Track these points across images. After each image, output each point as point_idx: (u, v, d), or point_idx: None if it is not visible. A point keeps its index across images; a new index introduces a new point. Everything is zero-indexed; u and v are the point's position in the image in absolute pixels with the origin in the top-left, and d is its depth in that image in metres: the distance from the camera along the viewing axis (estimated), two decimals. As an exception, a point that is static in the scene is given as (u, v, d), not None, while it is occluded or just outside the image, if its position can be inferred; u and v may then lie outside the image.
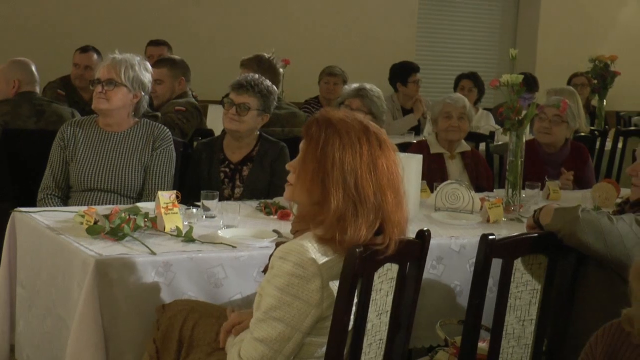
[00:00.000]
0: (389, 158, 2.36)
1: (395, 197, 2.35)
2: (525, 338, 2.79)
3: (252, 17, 7.92)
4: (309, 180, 2.33)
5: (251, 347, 2.30)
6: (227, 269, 2.90)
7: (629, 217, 2.80)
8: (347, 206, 2.28)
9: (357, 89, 4.42)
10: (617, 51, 8.06)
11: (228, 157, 4.14)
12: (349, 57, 7.95)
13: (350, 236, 2.27)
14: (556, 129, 4.88)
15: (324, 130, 2.33)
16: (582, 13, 9.48)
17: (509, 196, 3.94)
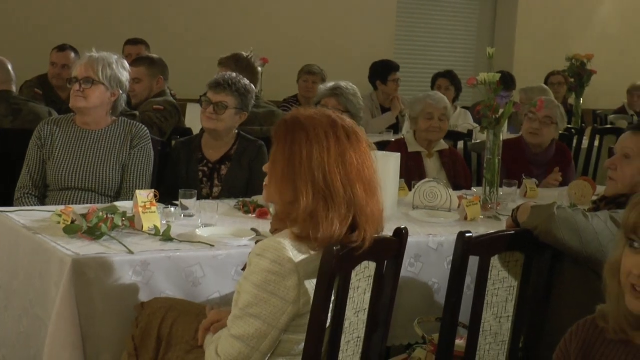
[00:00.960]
0: (358, 150, 2.35)
1: (366, 189, 2.34)
2: (502, 335, 2.81)
3: (230, 15, 7.91)
4: (279, 179, 2.34)
5: (228, 344, 2.30)
6: (205, 268, 2.90)
7: (604, 214, 2.83)
8: (317, 201, 2.28)
9: (332, 88, 4.42)
10: (594, 50, 8.11)
11: (206, 155, 4.13)
12: (328, 56, 7.96)
13: (324, 232, 2.27)
14: (545, 130, 4.91)
15: (291, 129, 2.34)
16: (559, 12, 9.54)
17: (486, 194, 3.96)
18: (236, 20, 7.92)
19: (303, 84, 7.13)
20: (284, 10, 8.17)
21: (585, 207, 3.23)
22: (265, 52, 6.81)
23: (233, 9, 7.94)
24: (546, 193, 4.40)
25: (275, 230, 2.44)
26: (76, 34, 6.81)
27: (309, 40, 8.17)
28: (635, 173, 3.02)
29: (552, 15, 9.52)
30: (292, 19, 8.21)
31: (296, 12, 8.23)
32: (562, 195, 4.25)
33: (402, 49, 9.01)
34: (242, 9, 7.98)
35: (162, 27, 7.53)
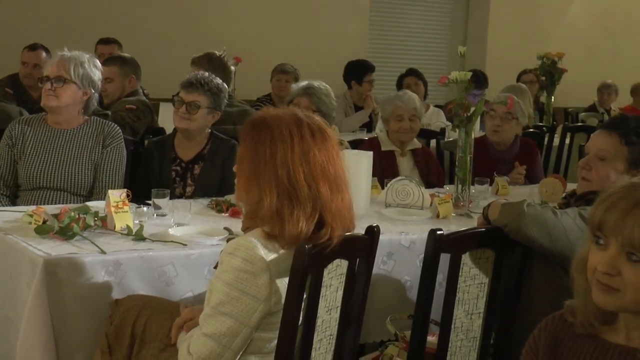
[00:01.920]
0: (323, 148, 2.36)
1: (331, 187, 2.35)
2: (474, 331, 2.83)
3: (203, 15, 7.90)
4: (245, 179, 2.35)
5: (200, 343, 2.30)
6: (178, 267, 2.90)
7: (573, 211, 2.85)
8: (282, 200, 2.29)
9: (304, 87, 4.43)
10: (565, 48, 8.18)
11: (179, 155, 4.13)
12: (301, 55, 7.96)
13: (290, 229, 2.28)
14: (507, 126, 4.95)
15: (257, 129, 2.35)
16: (531, 11, 9.62)
17: (459, 192, 3.99)
18: (209, 19, 7.91)
19: (276, 83, 7.13)
20: (257, 9, 8.17)
21: (556, 204, 3.27)
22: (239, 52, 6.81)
23: (206, 9, 7.93)
24: (518, 191, 4.44)
25: (247, 229, 2.45)
26: (48, 33, 6.77)
27: (282, 40, 8.18)
28: (610, 175, 3.01)
29: (524, 15, 9.59)
30: (266, 18, 8.21)
31: (269, 11, 8.23)
32: (533, 193, 4.29)
33: (375, 48, 9.05)
34: (216, 8, 7.97)
35: (135, 26, 7.50)
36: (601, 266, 1.71)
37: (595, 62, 9.73)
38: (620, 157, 3.03)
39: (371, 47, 8.96)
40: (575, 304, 1.86)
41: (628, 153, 3.02)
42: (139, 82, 5.53)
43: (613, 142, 3.04)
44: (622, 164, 3.03)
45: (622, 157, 3.03)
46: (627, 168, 3.02)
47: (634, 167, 3.02)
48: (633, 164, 3.03)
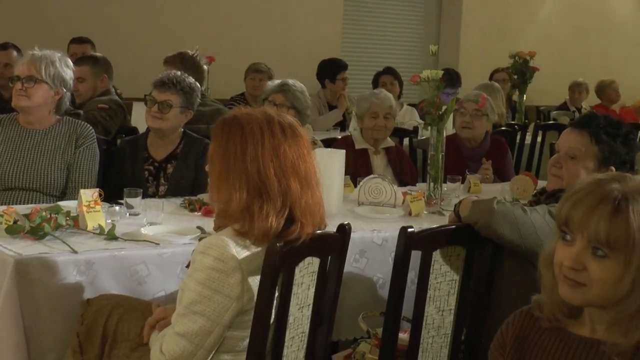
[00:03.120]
0: (293, 145, 2.37)
1: (302, 183, 2.36)
2: (445, 328, 2.85)
3: (176, 14, 7.87)
4: (217, 178, 2.36)
5: (172, 342, 2.30)
6: (150, 266, 2.90)
7: (543, 208, 2.88)
8: (252, 196, 2.30)
9: (279, 84, 4.46)
10: (536, 47, 8.25)
11: (152, 155, 4.12)
12: (275, 54, 7.96)
13: (259, 225, 2.29)
14: (477, 123, 4.99)
15: (227, 127, 2.36)
16: (503, 10, 9.68)
17: (431, 190, 4.01)
18: (182, 18, 7.88)
19: (250, 82, 7.13)
20: (230, 8, 8.15)
21: (527, 202, 3.30)
22: (212, 51, 6.81)
23: (179, 8, 7.91)
24: (489, 188, 4.48)
25: (219, 227, 2.46)
26: (20, 32, 6.72)
27: (256, 39, 8.17)
28: (580, 173, 3.04)
29: (497, 14, 9.65)
30: (239, 17, 8.19)
31: (243, 10, 8.22)
32: (504, 190, 4.32)
33: (349, 47, 9.06)
34: (189, 7, 7.94)
35: (108, 26, 7.46)
36: (567, 261, 1.74)
37: (566, 61, 9.81)
38: (591, 155, 3.06)
39: (345, 46, 8.98)
40: (542, 299, 1.89)
41: (598, 152, 3.05)
42: (111, 81, 5.50)
43: (583, 141, 3.07)
44: (592, 162, 3.06)
45: (592, 156, 3.06)
46: (597, 166, 3.06)
47: (603, 166, 3.05)
48: (603, 162, 3.06)
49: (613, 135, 3.06)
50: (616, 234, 1.68)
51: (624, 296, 1.69)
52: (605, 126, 3.07)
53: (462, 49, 9.52)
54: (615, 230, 1.68)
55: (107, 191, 3.47)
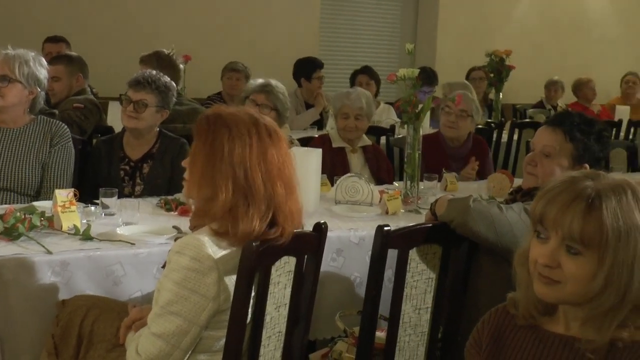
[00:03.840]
0: (279, 148, 2.38)
1: (286, 187, 2.37)
2: (422, 326, 2.86)
3: (152, 12, 7.84)
4: (199, 175, 2.34)
5: (149, 343, 2.29)
6: (126, 267, 2.88)
7: (518, 206, 2.90)
8: (237, 198, 2.30)
9: (263, 84, 4.45)
10: (512, 46, 8.29)
11: (128, 154, 4.11)
12: (252, 53, 7.95)
13: (243, 228, 2.29)
14: (462, 124, 5.01)
15: (212, 125, 2.35)
16: (479, 8, 9.72)
17: (407, 188, 4.02)
18: (158, 17, 7.86)
19: (227, 82, 7.11)
20: (207, 6, 8.13)
21: (503, 200, 3.31)
22: (188, 50, 6.80)
23: (155, 6, 7.88)
24: (466, 186, 4.49)
25: (195, 227, 2.45)
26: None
27: (232, 38, 8.16)
28: (555, 170, 3.06)
29: (473, 12, 9.68)
30: (216, 16, 8.17)
31: (219, 9, 8.20)
32: (481, 189, 4.34)
33: (326, 46, 9.07)
34: (165, 5, 7.92)
35: (84, 24, 7.42)
36: (542, 259, 1.75)
37: (542, 59, 9.87)
38: (565, 153, 3.08)
39: (322, 45, 8.98)
40: (517, 296, 1.90)
41: (572, 149, 3.08)
42: (87, 80, 5.47)
43: (558, 139, 3.10)
44: (566, 159, 3.09)
45: (566, 154, 3.08)
46: (571, 164, 3.08)
47: (578, 163, 3.08)
48: (577, 159, 3.08)
49: (587, 132, 3.08)
50: (590, 231, 1.69)
51: (597, 293, 1.70)
52: (579, 124, 3.10)
53: (438, 48, 9.55)
54: (588, 227, 1.69)
55: (83, 191, 3.44)
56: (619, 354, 1.71)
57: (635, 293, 1.70)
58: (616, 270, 1.69)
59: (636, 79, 9.24)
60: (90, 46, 6.86)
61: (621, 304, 1.70)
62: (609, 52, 10.50)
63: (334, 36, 9.26)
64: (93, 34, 7.42)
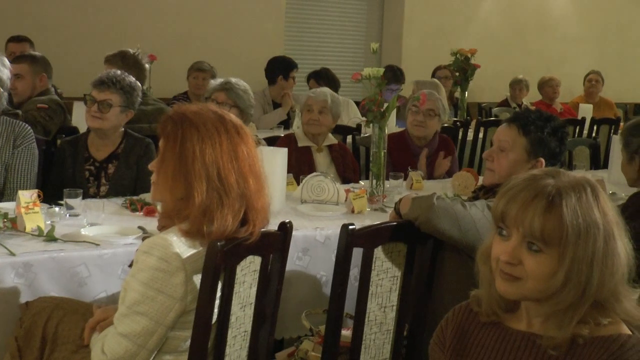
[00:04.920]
0: (248, 144, 2.39)
1: (257, 183, 2.38)
2: (387, 324, 2.87)
3: (117, 12, 7.78)
4: (170, 178, 2.33)
5: (115, 342, 2.29)
6: (91, 267, 2.87)
7: (481, 203, 2.93)
8: (212, 198, 2.29)
9: (222, 83, 4.44)
10: (477, 45, 8.35)
11: (93, 154, 4.08)
12: (218, 52, 7.93)
13: (218, 227, 2.29)
14: (430, 123, 5.04)
15: (180, 126, 2.33)
16: (444, 8, 9.77)
17: (373, 187, 4.04)
18: (124, 16, 7.80)
19: (193, 81, 7.08)
20: (172, 6, 8.09)
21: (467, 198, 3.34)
22: (154, 49, 6.76)
23: (120, 5, 7.82)
24: (431, 184, 4.52)
25: (163, 227, 2.44)
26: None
27: (198, 37, 8.12)
28: (511, 164, 3.14)
29: (438, 12, 9.74)
30: (181, 15, 8.14)
31: (185, 9, 8.16)
32: (446, 187, 4.37)
33: (292, 46, 9.06)
34: (130, 4, 7.86)
35: (48, 24, 7.35)
36: (504, 256, 1.77)
37: (506, 58, 9.95)
38: (519, 147, 3.16)
39: (287, 45, 8.97)
40: (480, 294, 1.92)
41: (526, 143, 3.15)
42: (51, 80, 5.42)
43: (512, 134, 3.18)
44: (520, 153, 3.16)
45: (520, 147, 3.16)
46: (526, 157, 3.16)
47: (533, 157, 3.16)
48: (532, 153, 3.16)
49: (541, 127, 3.16)
50: (550, 228, 1.71)
51: (558, 289, 1.72)
52: (534, 119, 3.19)
53: (404, 47, 9.58)
54: (549, 225, 1.71)
55: (47, 192, 3.42)
56: (579, 350, 1.73)
57: (594, 289, 1.72)
58: (576, 267, 1.71)
59: (599, 78, 9.34)
60: (54, 46, 6.81)
61: (581, 300, 1.72)
62: (572, 51, 10.62)
63: (299, 36, 9.26)
64: (57, 34, 7.35)
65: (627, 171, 3.62)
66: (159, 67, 6.79)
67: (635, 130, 3.60)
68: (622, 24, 10.99)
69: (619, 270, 1.75)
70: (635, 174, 3.58)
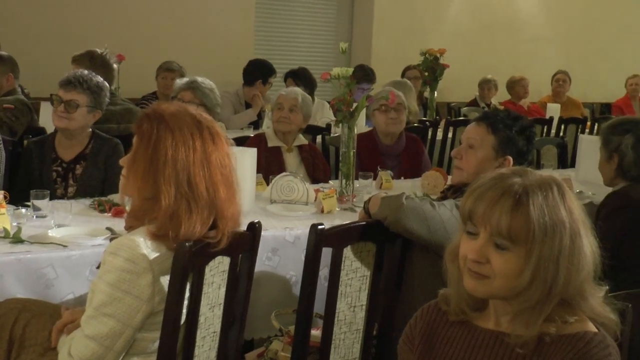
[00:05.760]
0: (222, 152, 2.38)
1: (228, 192, 2.37)
2: (357, 324, 2.87)
3: (85, 11, 7.72)
4: (140, 177, 2.32)
5: (82, 345, 2.27)
6: (58, 269, 2.85)
7: (450, 202, 2.94)
8: (180, 203, 2.28)
9: (188, 82, 4.43)
10: (446, 45, 8.38)
11: (60, 155, 4.05)
12: (187, 52, 7.89)
13: (185, 232, 2.28)
14: (402, 117, 5.06)
15: (155, 127, 2.32)
16: (413, 8, 9.80)
17: (343, 186, 4.04)
18: (92, 16, 7.74)
19: (162, 81, 7.04)
20: (141, 5, 8.04)
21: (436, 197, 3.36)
22: (122, 49, 6.70)
23: (89, 5, 7.76)
24: (401, 184, 4.53)
25: (130, 227, 2.42)
26: None
27: (167, 37, 8.08)
28: (479, 162, 3.17)
29: (407, 12, 9.76)
30: (150, 14, 8.09)
31: (154, 8, 8.12)
32: (415, 187, 4.38)
33: (262, 46, 9.04)
34: (98, 4, 7.80)
35: (14, 23, 7.28)
36: (471, 254, 1.78)
37: (475, 58, 9.99)
38: (487, 144, 3.19)
39: (258, 44, 8.95)
40: (449, 293, 1.93)
41: (494, 140, 3.18)
42: (17, 80, 5.38)
43: (480, 131, 3.21)
44: (489, 151, 3.19)
45: (488, 145, 3.19)
46: (494, 155, 3.19)
47: (501, 155, 3.19)
48: (500, 151, 3.19)
49: (509, 125, 3.19)
50: (517, 227, 1.72)
51: (525, 288, 1.73)
52: (503, 118, 3.23)
53: (374, 47, 9.60)
54: (515, 223, 1.72)
55: (14, 193, 3.38)
56: (546, 348, 1.75)
57: (561, 287, 1.74)
58: (542, 265, 1.72)
59: (566, 78, 9.43)
60: (21, 45, 6.73)
61: (548, 298, 1.74)
62: (540, 51, 10.70)
63: (269, 36, 9.24)
64: (24, 33, 7.27)
65: (605, 170, 3.67)
66: (127, 67, 6.74)
67: (615, 129, 3.64)
68: (589, 25, 11.09)
69: (585, 268, 1.77)
70: (612, 172, 3.63)
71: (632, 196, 3.50)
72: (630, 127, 3.61)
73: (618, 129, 3.63)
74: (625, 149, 3.56)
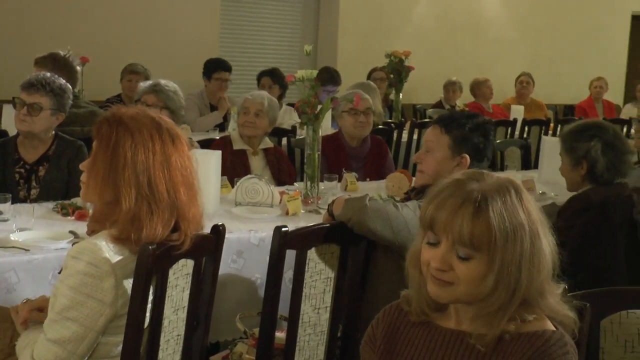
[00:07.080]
0: (182, 154, 2.37)
1: (189, 193, 2.37)
2: (321, 325, 2.89)
3: (48, 13, 7.66)
4: (100, 181, 2.31)
5: (44, 349, 2.25)
6: (20, 273, 2.82)
7: (413, 203, 2.97)
8: (141, 205, 2.28)
9: (151, 85, 4.42)
10: (411, 47, 8.42)
11: (23, 157, 4.02)
12: (152, 54, 7.86)
13: (146, 235, 2.27)
14: (371, 120, 5.09)
15: (114, 130, 2.31)
16: (379, 10, 9.84)
17: (307, 189, 4.05)
18: (54, 17, 7.68)
19: (127, 84, 7.00)
20: (105, 7, 7.99)
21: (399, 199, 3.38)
22: (86, 51, 6.66)
23: (52, 6, 7.70)
24: (366, 186, 4.55)
25: (93, 231, 2.41)
26: None
27: (132, 39, 8.04)
28: (437, 163, 3.22)
29: (373, 14, 9.80)
30: (114, 16, 8.04)
31: (118, 10, 8.07)
32: (380, 188, 4.40)
33: (228, 47, 9.03)
34: (61, 6, 7.74)
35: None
36: (434, 262, 1.79)
37: (440, 60, 10.06)
38: (442, 145, 3.24)
39: (223, 46, 8.94)
40: (410, 294, 1.94)
41: (449, 140, 3.24)
42: (-21, 83, 5.32)
43: (435, 133, 3.27)
44: (445, 151, 3.24)
45: (443, 145, 3.24)
46: (450, 154, 3.24)
47: (457, 154, 3.23)
48: (455, 150, 3.24)
49: (462, 124, 3.25)
50: (478, 234, 1.74)
51: (489, 293, 1.75)
52: (458, 119, 3.29)
53: (339, 49, 9.62)
54: (477, 231, 1.74)
55: (-25, 197, 3.35)
56: (506, 346, 1.77)
57: (524, 289, 1.76)
58: (505, 270, 1.74)
59: (529, 79, 9.52)
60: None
61: (511, 300, 1.76)
62: (504, 53, 10.79)
63: (235, 38, 9.23)
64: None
65: (571, 176, 3.72)
66: (91, 70, 6.70)
67: (580, 135, 3.68)
68: (553, 27, 11.21)
69: (545, 267, 1.79)
70: (579, 178, 3.67)
71: (593, 199, 3.55)
72: (595, 132, 3.65)
73: (583, 135, 3.66)
74: (596, 155, 3.60)
